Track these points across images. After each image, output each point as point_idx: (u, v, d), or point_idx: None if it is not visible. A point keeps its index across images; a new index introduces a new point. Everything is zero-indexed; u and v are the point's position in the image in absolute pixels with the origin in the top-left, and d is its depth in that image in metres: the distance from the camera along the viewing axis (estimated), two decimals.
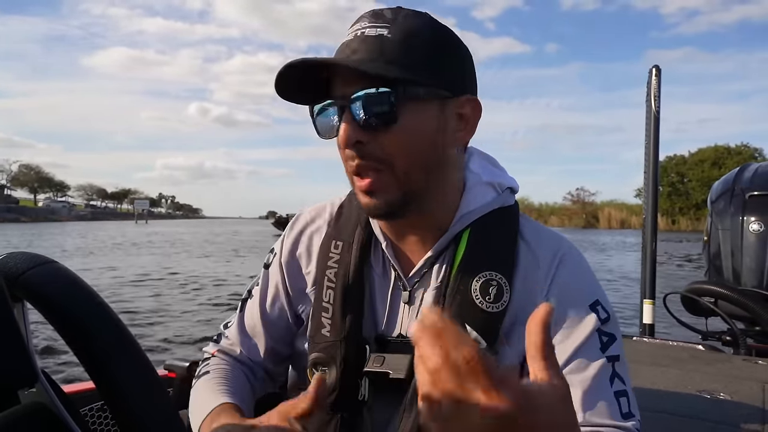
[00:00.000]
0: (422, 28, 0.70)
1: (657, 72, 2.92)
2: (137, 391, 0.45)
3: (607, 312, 0.75)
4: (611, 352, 0.72)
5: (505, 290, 0.73)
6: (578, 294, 0.75)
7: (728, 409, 1.49)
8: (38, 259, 0.46)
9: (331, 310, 0.79)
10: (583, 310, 0.74)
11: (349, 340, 0.77)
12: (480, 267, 0.74)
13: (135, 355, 0.47)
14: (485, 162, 0.84)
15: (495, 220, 0.78)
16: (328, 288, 0.80)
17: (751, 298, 2.48)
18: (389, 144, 0.69)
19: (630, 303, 8.58)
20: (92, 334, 0.45)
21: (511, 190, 0.83)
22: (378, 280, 0.81)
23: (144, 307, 8.15)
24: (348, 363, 0.76)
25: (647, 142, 2.97)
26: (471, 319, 0.72)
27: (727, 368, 1.92)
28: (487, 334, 0.72)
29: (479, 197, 0.78)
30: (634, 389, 1.61)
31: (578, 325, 0.73)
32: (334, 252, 0.82)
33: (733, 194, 2.80)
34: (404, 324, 0.78)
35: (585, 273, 0.78)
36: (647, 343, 2.33)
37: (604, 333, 0.73)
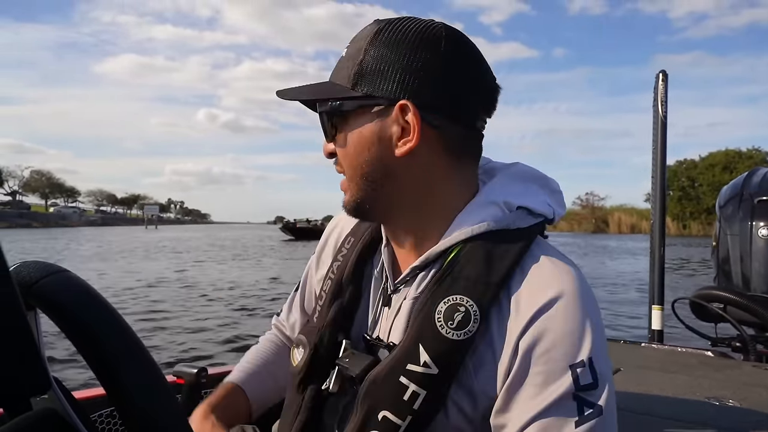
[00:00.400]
0: (382, 37, 0.70)
1: (664, 77, 2.91)
2: (146, 397, 0.45)
3: (595, 378, 0.62)
4: (591, 430, 0.60)
5: (473, 319, 0.65)
6: (560, 346, 0.63)
7: (737, 415, 1.48)
8: (51, 268, 0.47)
9: (324, 299, 0.83)
10: (560, 367, 0.62)
11: (327, 330, 0.79)
12: (452, 289, 0.68)
13: (144, 361, 0.48)
14: (510, 179, 0.76)
15: (492, 242, 0.69)
16: (329, 279, 0.85)
17: (761, 303, 2.45)
18: (339, 152, 0.75)
19: (639, 309, 8.51)
20: (102, 340, 0.45)
21: (528, 211, 0.73)
22: (374, 280, 0.82)
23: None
24: (319, 350, 0.79)
25: (654, 147, 2.95)
26: (427, 341, 0.67)
27: (737, 375, 1.90)
28: (441, 361, 0.66)
29: (476, 215, 0.71)
30: (643, 395, 1.62)
31: (547, 386, 0.62)
32: (345, 247, 0.87)
33: (741, 199, 2.77)
34: (383, 327, 0.78)
35: (579, 321, 0.64)
36: (656, 350, 2.32)
37: (584, 402, 0.61)
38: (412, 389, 0.66)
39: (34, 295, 0.45)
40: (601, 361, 0.63)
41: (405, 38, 0.69)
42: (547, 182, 0.79)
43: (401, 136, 0.69)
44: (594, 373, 0.62)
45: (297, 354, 0.82)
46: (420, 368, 0.66)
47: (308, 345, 0.80)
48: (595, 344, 0.63)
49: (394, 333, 0.75)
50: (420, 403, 0.66)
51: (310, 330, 0.82)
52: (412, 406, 0.66)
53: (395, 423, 0.67)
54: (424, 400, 0.66)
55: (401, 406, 0.67)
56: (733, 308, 2.51)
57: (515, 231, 0.71)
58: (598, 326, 0.65)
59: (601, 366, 0.63)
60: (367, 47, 0.70)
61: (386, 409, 0.68)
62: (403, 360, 0.68)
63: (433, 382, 0.66)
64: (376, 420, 0.68)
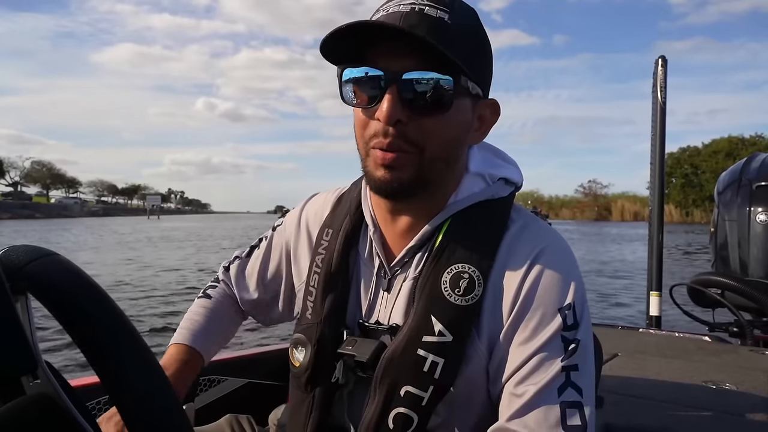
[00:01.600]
0: (474, 24, 0.71)
1: (663, 63, 2.90)
2: (139, 381, 0.46)
3: (577, 319, 0.70)
4: (571, 361, 0.67)
5: (477, 284, 0.71)
6: (548, 293, 0.70)
7: (734, 399, 1.50)
8: (40, 252, 0.47)
9: (315, 293, 0.82)
10: (550, 311, 0.69)
11: (327, 323, 0.79)
12: (453, 259, 0.72)
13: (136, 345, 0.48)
14: (486, 153, 0.82)
15: (479, 212, 0.76)
16: (315, 273, 0.83)
17: (759, 288, 2.46)
18: (429, 129, 0.68)
19: (638, 294, 8.53)
20: (93, 322, 0.45)
21: (506, 181, 0.80)
22: (363, 267, 0.82)
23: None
24: (322, 344, 0.78)
25: (653, 134, 2.95)
26: (438, 311, 0.70)
27: (734, 359, 1.92)
28: (454, 328, 0.70)
29: (466, 188, 0.77)
30: (640, 379, 1.63)
31: (540, 328, 0.69)
32: (324, 239, 0.85)
33: (740, 185, 2.78)
34: (382, 311, 0.78)
35: (562, 271, 0.71)
36: (654, 335, 2.33)
37: (567, 339, 0.68)
38: (431, 359, 0.69)
39: (22, 278, 0.45)
40: (581, 303, 0.71)
41: (486, 34, 0.74)
42: (504, 155, 0.85)
43: (476, 127, 0.75)
44: (575, 314, 0.70)
45: (298, 354, 0.81)
46: (435, 338, 0.69)
47: (310, 342, 0.79)
48: (577, 288, 0.72)
49: (395, 315, 0.76)
50: (440, 371, 0.69)
51: (307, 327, 0.81)
52: (433, 376, 0.69)
53: (418, 395, 0.69)
54: (443, 368, 0.69)
55: (423, 377, 0.69)
56: (730, 293, 2.52)
57: (498, 200, 0.78)
58: (577, 271, 0.74)
59: (581, 307, 0.71)
60: (476, 36, 0.71)
61: (408, 383, 0.70)
62: (418, 333, 0.70)
63: (449, 349, 0.70)
64: (399, 396, 0.70)
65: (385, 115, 0.66)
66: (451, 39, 0.65)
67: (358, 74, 0.69)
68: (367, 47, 0.68)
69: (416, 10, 0.66)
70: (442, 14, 0.66)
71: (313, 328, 0.80)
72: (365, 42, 0.68)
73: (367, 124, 0.70)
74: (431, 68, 0.66)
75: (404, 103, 0.66)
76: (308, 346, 0.79)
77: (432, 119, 0.68)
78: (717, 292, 2.55)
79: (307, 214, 0.93)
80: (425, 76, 0.66)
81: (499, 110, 0.77)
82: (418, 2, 0.67)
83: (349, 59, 0.70)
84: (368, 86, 0.69)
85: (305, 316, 0.83)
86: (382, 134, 0.68)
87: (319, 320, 0.79)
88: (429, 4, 0.66)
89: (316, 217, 0.91)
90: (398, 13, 0.66)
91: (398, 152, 0.68)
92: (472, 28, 0.70)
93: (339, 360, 0.77)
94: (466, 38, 0.68)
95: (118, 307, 0.49)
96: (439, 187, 0.75)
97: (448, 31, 0.65)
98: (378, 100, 0.67)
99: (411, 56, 0.66)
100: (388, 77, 0.66)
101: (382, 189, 0.72)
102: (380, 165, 0.69)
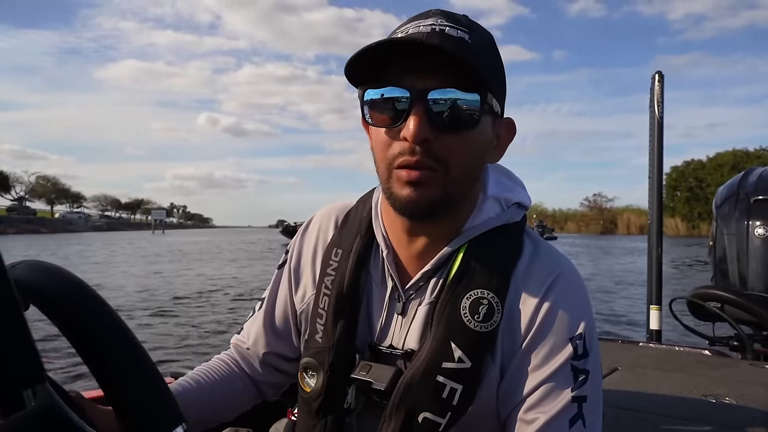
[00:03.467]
0: (492, 44, 0.72)
1: (660, 78, 2.93)
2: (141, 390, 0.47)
3: (587, 348, 0.70)
4: (581, 391, 0.68)
5: (496, 310, 0.71)
6: (561, 322, 0.71)
7: (734, 412, 1.48)
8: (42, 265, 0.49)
9: (325, 316, 0.79)
10: (562, 340, 0.70)
11: (339, 347, 0.77)
12: (471, 285, 0.72)
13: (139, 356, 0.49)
14: (499, 175, 0.82)
15: (496, 237, 0.76)
16: (324, 295, 0.81)
17: (758, 302, 2.45)
18: (455, 147, 0.68)
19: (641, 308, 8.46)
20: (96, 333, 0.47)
21: (518, 206, 0.80)
22: (375, 289, 0.80)
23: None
24: (335, 369, 0.76)
25: (651, 148, 2.97)
26: (458, 337, 0.70)
27: (734, 373, 1.90)
28: (473, 354, 0.70)
29: (484, 212, 0.77)
30: (640, 393, 1.62)
31: (552, 356, 0.69)
32: (333, 260, 0.82)
33: (738, 199, 2.78)
34: (396, 335, 0.77)
35: (575, 300, 0.73)
36: (653, 349, 2.32)
37: (577, 369, 0.69)
38: (450, 386, 0.69)
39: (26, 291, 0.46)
40: (592, 333, 0.72)
41: (500, 56, 0.74)
42: (513, 175, 0.85)
43: (494, 145, 0.76)
44: (585, 344, 0.71)
45: (309, 379, 0.79)
46: (455, 364, 0.69)
47: (322, 368, 0.77)
48: (588, 317, 0.73)
49: (410, 340, 0.75)
50: (458, 398, 0.69)
51: (318, 351, 0.79)
52: (452, 403, 0.69)
53: (436, 422, 0.69)
54: (461, 394, 0.69)
55: (441, 404, 0.69)
56: (730, 307, 2.51)
57: (513, 225, 0.78)
58: (588, 301, 0.75)
59: (591, 337, 0.72)
60: (494, 56, 0.72)
61: (426, 410, 0.69)
62: (438, 359, 0.70)
63: (467, 375, 0.69)
64: (416, 423, 0.69)
65: (413, 133, 0.65)
66: (475, 58, 0.66)
67: (382, 94, 0.69)
68: (386, 68, 0.68)
69: (437, 31, 0.66)
70: (463, 34, 0.66)
71: (325, 353, 0.78)
72: (385, 62, 0.68)
73: (390, 144, 0.69)
74: (456, 86, 0.66)
75: (431, 122, 0.66)
76: (320, 372, 0.77)
77: (458, 137, 0.68)
78: (717, 305, 2.53)
79: (310, 236, 0.91)
80: (451, 94, 0.66)
81: (515, 129, 0.78)
82: (438, 23, 0.67)
83: (370, 80, 0.70)
84: (392, 106, 0.68)
85: (314, 339, 0.80)
86: (409, 153, 0.67)
87: (330, 344, 0.77)
88: (449, 25, 0.67)
89: (322, 238, 0.89)
90: (419, 33, 0.66)
91: (424, 170, 0.67)
92: (491, 47, 0.72)
93: (351, 385, 0.76)
94: (487, 57, 0.69)
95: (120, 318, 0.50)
96: (459, 208, 0.75)
97: (471, 50, 0.66)
98: (403, 119, 0.67)
99: (435, 75, 0.66)
100: (414, 95, 0.66)
101: (407, 209, 0.70)
102: (406, 183, 0.68)
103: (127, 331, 0.50)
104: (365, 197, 0.88)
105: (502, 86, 0.74)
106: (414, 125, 0.65)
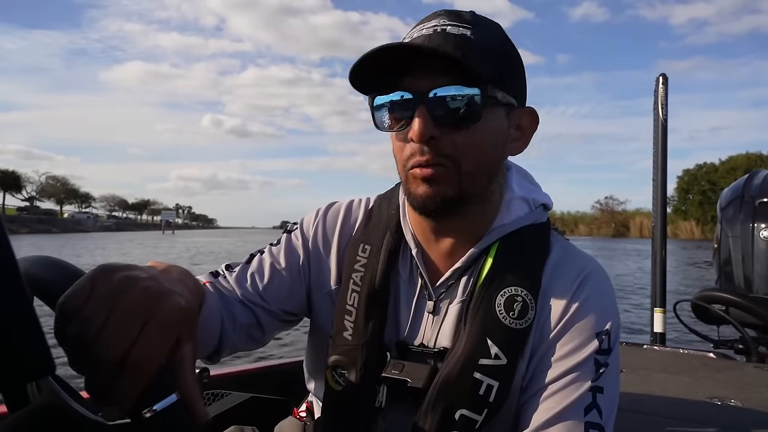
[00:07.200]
0: (498, 36, 0.73)
1: (664, 80, 2.91)
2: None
3: (611, 345, 0.72)
4: (599, 383, 0.69)
5: (530, 307, 0.72)
6: (590, 318, 0.72)
7: (738, 415, 1.48)
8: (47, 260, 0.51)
9: (355, 314, 0.79)
10: (589, 334, 0.71)
11: (370, 346, 0.77)
12: (505, 282, 0.73)
13: None
14: (521, 177, 0.84)
15: (526, 236, 0.77)
16: (353, 291, 0.80)
17: (763, 305, 2.44)
18: (462, 143, 0.69)
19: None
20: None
21: (544, 207, 0.82)
22: (404, 287, 0.80)
23: None
24: (367, 368, 0.76)
25: (655, 150, 2.95)
26: (494, 334, 0.71)
27: (738, 375, 1.89)
28: (508, 351, 0.71)
29: (514, 212, 0.78)
30: (644, 396, 1.62)
31: (578, 350, 0.71)
32: (361, 256, 0.82)
33: (742, 201, 2.77)
34: (427, 334, 0.77)
35: (603, 297, 0.75)
36: (658, 351, 2.31)
37: (599, 363, 0.70)
38: (487, 383, 0.70)
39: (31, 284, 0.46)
40: (617, 331, 0.74)
41: (513, 45, 0.75)
42: (532, 178, 0.86)
43: (515, 136, 0.76)
44: (610, 341, 0.72)
45: (338, 377, 0.78)
46: (492, 361, 0.70)
47: (354, 366, 0.77)
48: (614, 315, 0.74)
49: (442, 338, 0.75)
50: (494, 395, 0.70)
51: (348, 349, 0.78)
52: (488, 399, 0.70)
53: (473, 419, 0.70)
54: (497, 391, 0.70)
55: (478, 401, 0.70)
56: (735, 310, 2.50)
57: (539, 225, 0.80)
58: (614, 298, 0.77)
59: (616, 335, 0.73)
60: (502, 48, 0.73)
61: (464, 407, 0.70)
62: (474, 356, 0.70)
63: (503, 371, 0.71)
64: (453, 420, 0.70)
65: (417, 133, 0.67)
66: (476, 52, 0.67)
67: (388, 99, 0.71)
68: (391, 73, 0.70)
69: (438, 31, 0.68)
70: (464, 30, 0.68)
71: (357, 351, 0.77)
72: (392, 69, 0.70)
73: (403, 147, 0.72)
74: (457, 83, 0.67)
75: (435, 120, 0.68)
76: (352, 370, 0.77)
77: (464, 132, 0.69)
78: (721, 308, 2.52)
79: (333, 223, 0.89)
80: (451, 91, 0.68)
81: (538, 118, 0.78)
82: (441, 23, 0.69)
83: (380, 87, 0.72)
84: (399, 109, 0.70)
85: (343, 336, 0.79)
86: (419, 153, 0.69)
87: (361, 342, 0.77)
88: (451, 23, 0.69)
89: (344, 229, 0.88)
90: (422, 36, 0.69)
91: (436, 167, 0.69)
92: (497, 40, 0.72)
93: (382, 384, 0.76)
94: (492, 50, 0.70)
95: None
96: (481, 207, 0.76)
97: (473, 46, 0.68)
98: (409, 121, 0.69)
99: (437, 75, 0.68)
100: (416, 97, 0.68)
101: (425, 206, 0.72)
102: (420, 181, 0.70)
103: None
104: (388, 194, 0.89)
105: (514, 76, 0.74)
106: (419, 125, 0.67)
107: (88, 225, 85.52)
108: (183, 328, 0.52)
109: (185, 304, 0.52)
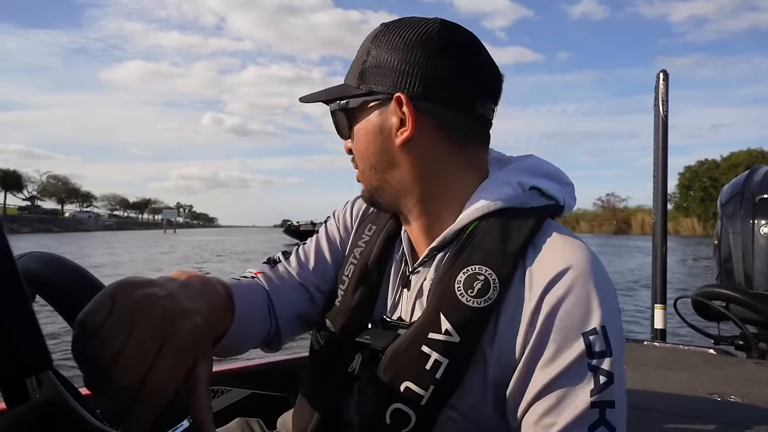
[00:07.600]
0: (382, 39, 0.76)
1: (664, 77, 2.91)
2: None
3: (608, 347, 0.63)
4: (603, 395, 0.61)
5: (492, 287, 0.67)
6: (571, 314, 0.64)
7: (739, 411, 1.48)
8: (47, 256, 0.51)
9: (347, 282, 0.86)
10: (572, 334, 0.63)
11: (352, 312, 0.82)
12: (470, 260, 0.70)
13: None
14: (524, 169, 0.79)
15: (507, 218, 0.73)
16: (351, 264, 0.87)
17: (763, 301, 2.44)
18: (354, 145, 0.81)
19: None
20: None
21: (540, 192, 0.77)
22: (395, 265, 0.84)
23: None
24: (344, 332, 0.81)
25: (656, 147, 2.95)
26: (448, 310, 0.68)
27: (739, 372, 1.90)
28: (462, 329, 0.67)
29: (488, 193, 0.75)
30: (645, 392, 1.62)
31: (561, 352, 0.63)
32: (366, 233, 0.90)
33: (743, 197, 2.77)
34: (404, 308, 0.79)
35: (591, 291, 0.64)
36: (658, 348, 2.32)
37: (597, 369, 0.62)
38: (434, 357, 0.67)
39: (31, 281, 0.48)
40: (615, 329, 0.64)
41: (401, 37, 0.74)
42: (559, 176, 0.81)
43: (399, 126, 0.75)
44: (607, 340, 0.63)
45: (321, 338, 0.84)
46: (442, 336, 0.68)
47: (334, 327, 0.82)
48: (608, 312, 0.64)
49: (416, 313, 0.77)
50: (442, 372, 0.67)
51: (334, 314, 0.84)
52: (435, 375, 0.67)
53: (418, 393, 0.68)
54: (446, 369, 0.67)
55: (424, 375, 0.68)
56: (735, 306, 2.50)
57: (528, 209, 0.74)
58: (610, 296, 0.66)
59: (615, 334, 0.64)
60: (370, 48, 0.76)
61: (409, 379, 0.68)
62: (425, 329, 0.69)
63: (455, 350, 0.67)
64: (398, 392, 0.69)
65: (344, 146, 0.83)
66: (350, 70, 0.80)
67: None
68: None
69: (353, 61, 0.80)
70: (369, 45, 0.77)
71: (339, 315, 0.83)
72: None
73: None
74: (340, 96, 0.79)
75: (340, 133, 0.83)
76: (331, 332, 0.82)
77: (354, 136, 0.80)
78: (722, 304, 2.52)
79: (353, 211, 0.97)
80: (334, 104, 0.80)
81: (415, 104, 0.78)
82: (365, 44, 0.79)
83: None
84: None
85: (334, 302, 0.86)
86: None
87: (346, 308, 0.83)
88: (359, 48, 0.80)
89: (360, 214, 0.96)
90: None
91: (358, 170, 0.82)
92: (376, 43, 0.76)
93: (358, 352, 0.79)
94: (359, 58, 0.78)
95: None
96: (414, 194, 0.77)
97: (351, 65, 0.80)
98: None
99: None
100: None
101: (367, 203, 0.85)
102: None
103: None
104: None
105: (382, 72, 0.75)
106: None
107: (90, 224, 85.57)
108: (199, 349, 0.54)
109: (201, 324, 0.54)
